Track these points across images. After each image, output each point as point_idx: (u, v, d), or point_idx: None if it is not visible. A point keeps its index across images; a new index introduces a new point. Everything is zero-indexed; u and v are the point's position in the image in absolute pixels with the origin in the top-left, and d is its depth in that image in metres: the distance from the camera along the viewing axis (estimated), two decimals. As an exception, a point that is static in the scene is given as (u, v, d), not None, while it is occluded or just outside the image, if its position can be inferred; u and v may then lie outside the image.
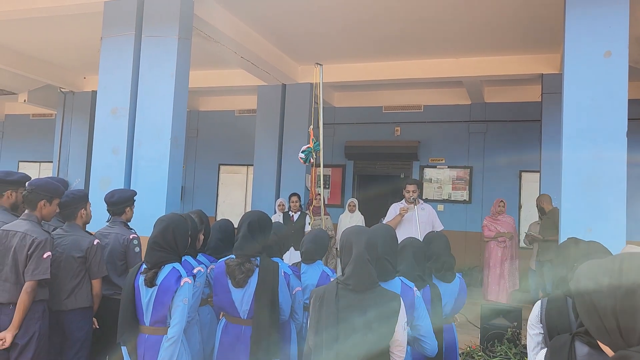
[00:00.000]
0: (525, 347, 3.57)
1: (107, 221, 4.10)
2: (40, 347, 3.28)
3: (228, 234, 3.77)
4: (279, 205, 8.58)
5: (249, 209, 11.30)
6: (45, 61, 9.84)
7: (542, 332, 2.35)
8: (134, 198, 4.21)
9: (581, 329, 1.55)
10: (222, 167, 12.58)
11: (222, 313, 3.24)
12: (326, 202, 8.67)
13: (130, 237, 3.96)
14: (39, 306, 3.30)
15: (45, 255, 3.25)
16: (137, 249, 3.97)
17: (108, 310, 3.73)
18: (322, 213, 6.43)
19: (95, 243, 3.63)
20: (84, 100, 10.89)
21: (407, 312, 2.49)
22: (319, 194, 6.91)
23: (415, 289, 2.79)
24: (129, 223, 4.16)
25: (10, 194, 3.68)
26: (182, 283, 2.88)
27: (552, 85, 7.95)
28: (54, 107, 11.48)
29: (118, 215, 4.06)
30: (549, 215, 7.18)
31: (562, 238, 4.50)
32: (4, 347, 3.16)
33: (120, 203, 4.06)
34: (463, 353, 4.93)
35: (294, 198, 8.16)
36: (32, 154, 13.71)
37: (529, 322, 2.42)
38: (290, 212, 8.15)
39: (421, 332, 2.71)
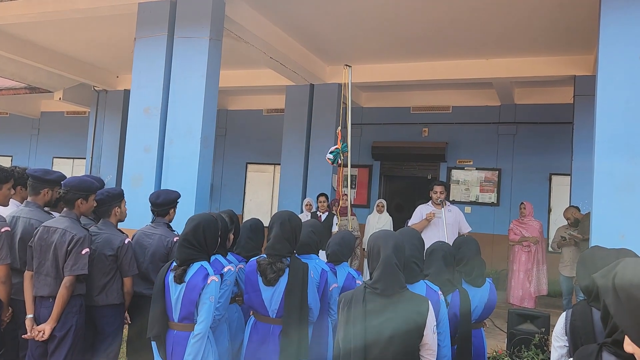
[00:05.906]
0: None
1: (152, 222, 4.11)
2: (76, 340, 3.39)
3: (258, 233, 3.82)
4: (306, 205, 8.62)
5: (275, 207, 11.38)
6: (80, 60, 10.10)
7: (567, 344, 2.30)
8: (178, 200, 4.22)
9: (608, 339, 1.54)
10: (249, 166, 12.68)
11: (251, 311, 3.29)
12: (352, 203, 8.66)
13: (174, 239, 3.94)
14: (77, 301, 3.41)
15: (83, 252, 3.35)
16: None
17: (148, 309, 3.76)
18: (349, 214, 6.44)
19: (126, 242, 3.67)
20: (117, 99, 11.14)
21: None
22: (346, 194, 6.92)
23: (440, 292, 2.78)
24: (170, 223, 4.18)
25: (47, 192, 3.75)
26: (209, 281, 2.94)
27: (584, 87, 7.79)
28: (88, 105, 11.77)
29: (162, 216, 4.07)
30: (585, 219, 7.04)
31: (593, 245, 4.41)
32: (43, 339, 3.28)
33: (166, 205, 4.06)
34: (490, 358, 4.89)
35: (322, 198, 8.18)
36: (66, 150, 14.08)
37: (554, 333, 2.37)
38: (318, 212, 8.18)
39: (439, 337, 2.69)
